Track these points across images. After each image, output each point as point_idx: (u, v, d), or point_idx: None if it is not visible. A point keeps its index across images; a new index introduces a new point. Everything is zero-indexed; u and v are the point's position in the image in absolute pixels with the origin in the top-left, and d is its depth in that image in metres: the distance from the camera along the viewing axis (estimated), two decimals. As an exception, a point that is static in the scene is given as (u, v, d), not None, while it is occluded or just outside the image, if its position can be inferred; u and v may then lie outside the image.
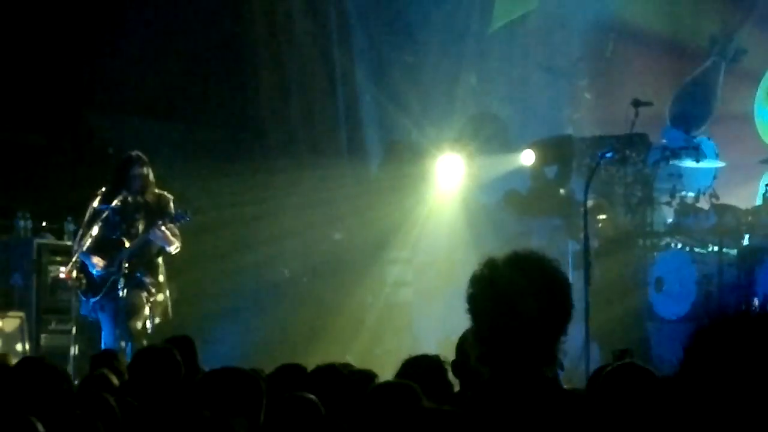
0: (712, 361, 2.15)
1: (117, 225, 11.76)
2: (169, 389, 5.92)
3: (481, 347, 3.81)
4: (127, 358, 8.77)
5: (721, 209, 13.68)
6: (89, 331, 12.57)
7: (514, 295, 3.74)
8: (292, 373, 6.46)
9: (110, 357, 7.81)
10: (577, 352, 11.34)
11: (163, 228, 11.60)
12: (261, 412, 5.04)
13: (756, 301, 2.26)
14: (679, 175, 14.01)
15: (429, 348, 11.30)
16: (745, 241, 13.58)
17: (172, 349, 6.68)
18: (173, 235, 11.73)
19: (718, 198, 14.09)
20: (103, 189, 11.90)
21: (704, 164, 14.08)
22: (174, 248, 11.76)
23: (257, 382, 5.17)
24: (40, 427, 4.78)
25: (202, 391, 5.10)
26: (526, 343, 3.75)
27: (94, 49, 15.27)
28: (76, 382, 7.23)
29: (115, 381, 6.49)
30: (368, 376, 6.57)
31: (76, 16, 15.20)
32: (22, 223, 13.78)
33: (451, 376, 6.19)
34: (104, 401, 4.78)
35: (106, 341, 11.57)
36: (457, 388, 6.22)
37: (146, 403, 5.81)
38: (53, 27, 15.06)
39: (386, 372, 6.96)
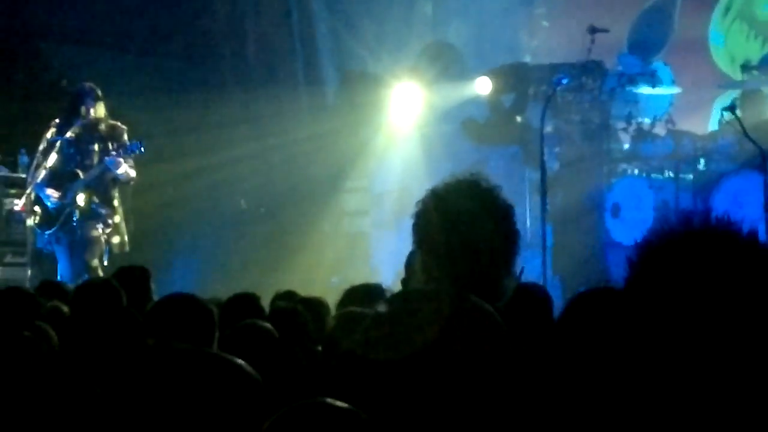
0: (655, 278, 2.17)
1: (71, 156, 11.66)
2: (112, 320, 5.89)
3: (426, 276, 3.71)
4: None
5: (677, 135, 13.72)
6: (45, 264, 12.50)
7: (457, 223, 3.66)
8: (246, 302, 6.44)
9: (56, 288, 7.70)
10: (534, 279, 11.38)
11: (119, 158, 11.51)
12: (213, 340, 4.96)
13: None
14: (635, 101, 14.01)
15: (386, 277, 11.32)
16: (701, 167, 13.64)
17: (110, 280, 6.62)
18: (129, 167, 11.64)
19: (674, 124, 14.14)
20: (57, 120, 11.79)
21: (660, 90, 14.08)
22: (129, 178, 11.66)
23: (206, 308, 5.05)
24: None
25: (151, 320, 5.04)
26: (472, 271, 3.68)
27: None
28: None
29: (66, 310, 6.44)
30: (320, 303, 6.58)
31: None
32: (-25, 156, 13.66)
33: None
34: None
35: (62, 274, 11.51)
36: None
37: (90, 335, 5.77)
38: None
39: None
